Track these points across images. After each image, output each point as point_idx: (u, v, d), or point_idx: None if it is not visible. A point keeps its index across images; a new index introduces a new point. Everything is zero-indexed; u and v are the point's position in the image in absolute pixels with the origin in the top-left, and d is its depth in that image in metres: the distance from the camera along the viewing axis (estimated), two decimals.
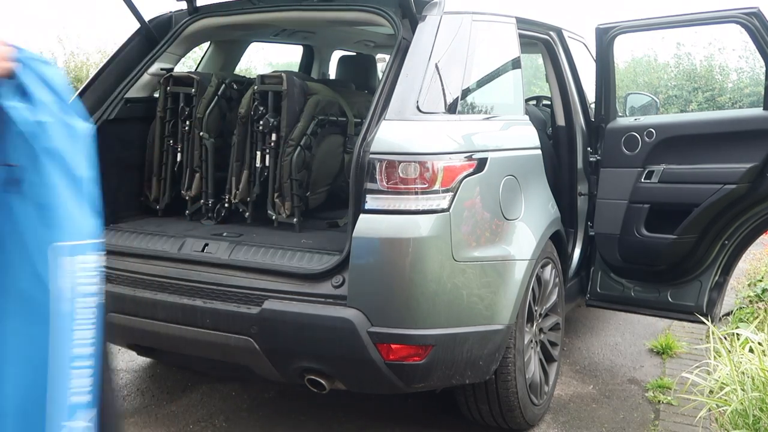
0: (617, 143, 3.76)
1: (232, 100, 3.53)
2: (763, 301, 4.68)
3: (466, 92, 2.93)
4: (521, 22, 3.49)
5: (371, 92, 4.18)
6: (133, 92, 3.45)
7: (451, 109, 2.80)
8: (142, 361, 3.99)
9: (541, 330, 3.35)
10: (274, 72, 3.37)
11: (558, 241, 3.49)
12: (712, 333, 2.95)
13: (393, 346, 2.55)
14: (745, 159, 3.41)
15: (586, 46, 4.60)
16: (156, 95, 3.59)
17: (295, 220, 3.23)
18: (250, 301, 2.69)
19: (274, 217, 3.26)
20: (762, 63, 3.64)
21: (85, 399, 1.43)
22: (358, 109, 3.65)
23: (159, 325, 2.86)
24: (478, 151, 2.77)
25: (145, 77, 3.51)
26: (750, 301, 4.79)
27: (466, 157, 2.69)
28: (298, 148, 3.21)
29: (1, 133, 1.40)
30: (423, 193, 2.51)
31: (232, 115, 3.48)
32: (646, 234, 3.67)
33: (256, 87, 3.30)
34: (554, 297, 3.43)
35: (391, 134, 2.56)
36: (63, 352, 1.40)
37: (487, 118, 3.12)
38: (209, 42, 4.24)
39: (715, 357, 2.85)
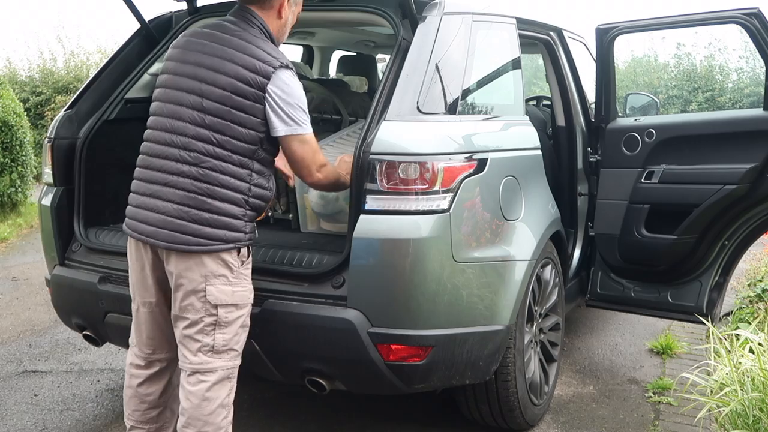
0: (617, 143, 3.76)
1: None
2: (763, 301, 4.68)
3: (466, 93, 2.93)
4: (521, 23, 3.50)
5: (371, 92, 4.19)
6: (134, 93, 3.45)
7: (451, 109, 2.80)
8: None
9: (541, 330, 3.35)
10: None
11: (558, 242, 3.49)
12: (712, 333, 2.95)
13: (393, 346, 2.55)
14: (745, 159, 3.41)
15: (586, 46, 4.60)
16: None
17: (290, 216, 3.23)
18: None
19: (270, 214, 3.26)
20: (762, 63, 3.64)
21: None
22: (353, 108, 3.66)
23: None
24: (478, 152, 2.77)
25: (146, 77, 3.50)
26: (750, 301, 4.79)
27: (466, 158, 2.69)
28: None
29: None
30: (423, 193, 2.51)
31: None
32: (646, 234, 3.67)
33: None
34: (554, 297, 3.43)
35: (391, 135, 2.56)
36: None
37: (487, 119, 3.12)
38: None
39: (715, 357, 2.85)
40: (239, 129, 2.35)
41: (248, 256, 2.50)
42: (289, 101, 2.37)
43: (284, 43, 5.01)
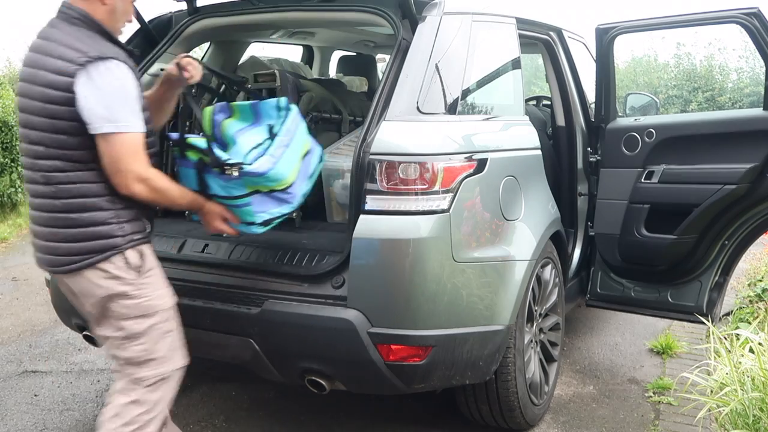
0: (617, 143, 3.76)
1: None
2: (763, 301, 4.68)
3: (466, 93, 2.93)
4: (521, 23, 3.50)
5: (371, 92, 4.19)
6: None
7: (451, 109, 2.80)
8: None
9: (541, 330, 3.35)
10: (266, 70, 3.37)
11: (558, 242, 3.49)
12: (712, 333, 2.95)
13: (393, 346, 2.55)
14: (745, 159, 3.41)
15: (586, 46, 4.60)
16: None
17: (294, 214, 3.23)
18: (250, 301, 2.69)
19: None
20: (762, 63, 3.64)
21: None
22: (351, 108, 3.66)
23: None
24: (478, 152, 2.77)
25: (145, 78, 3.49)
26: (750, 301, 4.79)
27: (466, 158, 2.69)
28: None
29: None
30: (423, 193, 2.51)
31: None
32: (646, 234, 3.67)
33: (249, 86, 3.30)
34: (554, 297, 3.43)
35: (391, 135, 2.56)
36: None
37: (487, 119, 3.12)
38: (209, 42, 4.24)
39: (715, 357, 2.85)
40: (66, 138, 2.17)
41: (144, 262, 2.31)
42: (96, 96, 2.13)
43: (284, 43, 5.06)
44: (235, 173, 2.37)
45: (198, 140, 2.53)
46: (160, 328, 2.34)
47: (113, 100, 2.15)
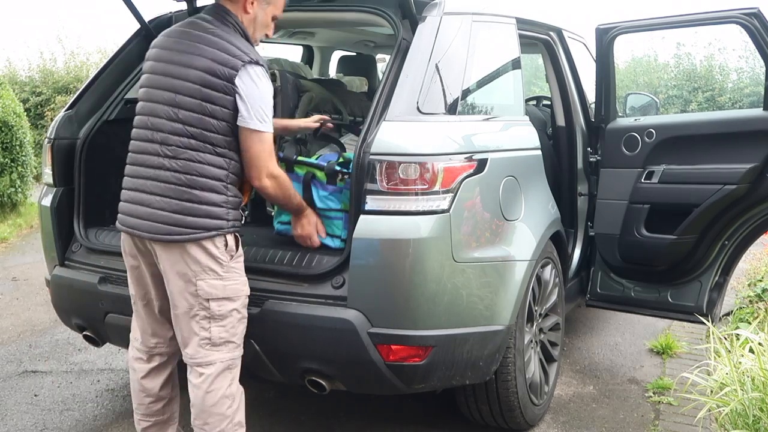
0: (617, 143, 3.76)
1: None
2: (763, 301, 4.68)
3: (466, 93, 2.93)
4: (521, 23, 3.50)
5: (371, 92, 4.18)
6: (133, 93, 3.42)
7: (451, 109, 2.80)
8: None
9: (541, 330, 3.35)
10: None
11: (558, 242, 3.49)
12: (712, 333, 2.95)
13: (393, 347, 2.55)
14: (745, 159, 3.41)
15: (586, 46, 4.60)
16: None
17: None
18: (250, 301, 2.69)
19: (273, 213, 3.26)
20: (762, 63, 3.64)
21: None
22: (351, 108, 3.66)
23: None
24: (478, 152, 2.77)
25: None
26: (750, 301, 4.79)
27: (466, 158, 2.69)
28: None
29: None
30: (423, 193, 2.51)
31: None
32: (646, 234, 3.67)
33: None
34: (554, 297, 3.43)
35: (391, 135, 2.56)
36: None
37: (487, 119, 3.13)
38: None
39: (715, 357, 2.85)
40: (211, 121, 2.38)
41: (237, 249, 2.51)
42: (255, 96, 2.38)
43: (284, 43, 5.05)
44: (344, 180, 2.75)
45: (308, 159, 2.92)
46: (241, 313, 2.54)
47: (265, 102, 2.42)
